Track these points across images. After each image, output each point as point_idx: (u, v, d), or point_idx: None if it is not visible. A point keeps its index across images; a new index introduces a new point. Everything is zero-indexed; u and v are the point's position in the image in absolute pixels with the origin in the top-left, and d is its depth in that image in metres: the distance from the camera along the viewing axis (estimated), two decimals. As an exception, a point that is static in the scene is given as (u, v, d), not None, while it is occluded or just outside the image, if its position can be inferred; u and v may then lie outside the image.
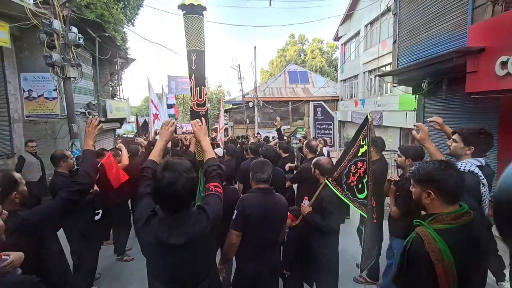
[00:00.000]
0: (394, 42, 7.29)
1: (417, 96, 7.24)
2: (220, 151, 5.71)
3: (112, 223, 4.45)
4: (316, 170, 2.66)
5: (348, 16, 17.86)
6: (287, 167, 4.06)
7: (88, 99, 8.92)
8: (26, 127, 7.52)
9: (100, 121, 2.03)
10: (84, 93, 8.87)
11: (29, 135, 7.41)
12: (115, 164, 3.89)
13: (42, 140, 7.49)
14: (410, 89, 8.42)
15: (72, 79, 6.27)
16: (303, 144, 6.66)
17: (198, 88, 4.34)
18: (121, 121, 10.44)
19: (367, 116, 2.41)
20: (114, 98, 12.56)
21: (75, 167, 3.62)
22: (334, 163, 2.61)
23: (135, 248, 4.66)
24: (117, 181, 3.91)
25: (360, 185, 2.42)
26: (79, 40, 6.10)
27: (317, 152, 4.37)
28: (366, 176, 2.41)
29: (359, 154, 2.41)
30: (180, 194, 1.30)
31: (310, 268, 2.63)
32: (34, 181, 5.57)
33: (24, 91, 7.48)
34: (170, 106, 13.78)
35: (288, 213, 2.52)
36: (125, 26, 15.07)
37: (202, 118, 1.93)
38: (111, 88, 16.27)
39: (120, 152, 4.28)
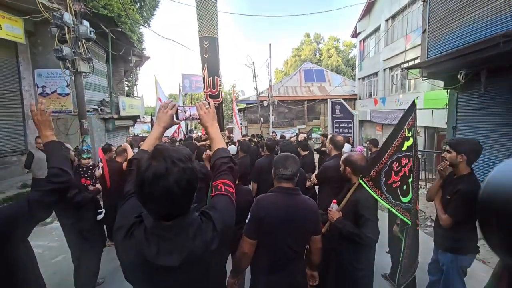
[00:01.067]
0: (423, 32, 6.68)
1: (449, 91, 6.60)
2: (233, 148, 5.35)
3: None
4: (347, 168, 2.21)
5: (367, 11, 17.12)
6: (308, 183, 3.60)
7: (102, 96, 8.81)
8: (40, 124, 7.46)
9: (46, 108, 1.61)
10: (98, 90, 8.77)
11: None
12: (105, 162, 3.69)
13: (58, 136, 7.41)
14: (439, 85, 7.76)
15: (83, 73, 6.10)
16: (323, 143, 6.17)
17: (211, 78, 3.96)
18: (134, 118, 10.31)
19: (414, 101, 1.95)
20: (129, 96, 12.51)
21: (77, 161, 3.37)
22: (369, 160, 2.16)
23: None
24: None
25: (405, 187, 1.96)
26: (90, 33, 5.92)
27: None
28: (411, 175, 1.95)
29: (404, 148, 1.95)
30: (173, 191, 0.90)
31: (340, 285, 2.19)
32: (43, 178, 5.39)
33: (38, 87, 7.43)
34: None
35: None
36: (141, 26, 15.13)
37: (211, 101, 1.53)
38: (127, 88, 16.34)
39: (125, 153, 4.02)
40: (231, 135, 10.69)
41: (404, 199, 1.96)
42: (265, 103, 16.60)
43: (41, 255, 4.11)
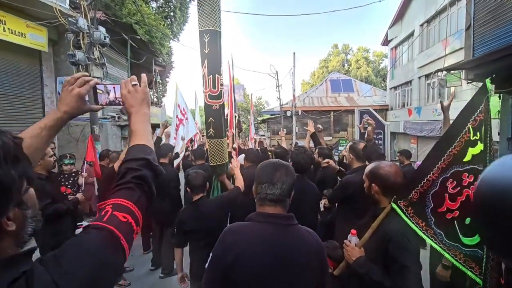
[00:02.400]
0: (467, 29, 5.74)
1: (501, 95, 5.53)
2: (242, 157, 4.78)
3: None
4: (373, 184, 1.51)
5: (399, 17, 16.06)
6: (322, 201, 2.89)
7: (122, 104, 8.77)
8: (60, 131, 7.49)
9: None
10: (118, 98, 8.76)
11: (62, 138, 7.36)
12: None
13: (73, 143, 7.39)
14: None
15: (96, 79, 5.96)
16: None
17: (211, 76, 3.43)
18: (154, 127, 10.18)
19: (485, 84, 1.24)
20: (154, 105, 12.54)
21: (56, 167, 3.00)
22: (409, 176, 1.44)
23: (137, 269, 3.87)
24: None
25: (468, 220, 1.23)
26: (104, 39, 5.80)
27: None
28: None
29: (466, 158, 1.23)
30: None
31: None
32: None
33: (59, 94, 7.50)
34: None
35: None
36: (170, 40, 15.53)
37: (143, 75, 0.96)
38: (155, 99, 16.62)
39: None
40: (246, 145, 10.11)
41: (466, 240, 1.22)
42: (288, 113, 15.96)
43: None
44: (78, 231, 2.82)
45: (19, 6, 5.73)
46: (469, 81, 5.76)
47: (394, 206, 1.35)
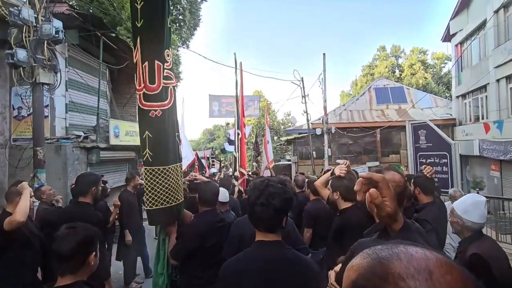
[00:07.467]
0: None
1: None
2: (224, 193, 3.86)
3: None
4: None
5: (464, 5, 14.80)
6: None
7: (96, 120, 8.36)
8: (12, 154, 7.12)
9: None
10: (91, 113, 8.37)
11: (14, 163, 6.97)
12: None
13: (26, 170, 6.93)
14: None
15: (45, 86, 5.49)
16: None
17: (146, 63, 2.70)
18: (138, 149, 9.64)
19: None
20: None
21: None
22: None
23: None
24: None
25: None
26: (57, 34, 5.37)
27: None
28: None
29: None
30: None
31: None
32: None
33: (14, 108, 7.22)
34: (231, 141, 12.79)
35: None
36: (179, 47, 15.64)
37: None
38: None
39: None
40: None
41: None
42: (318, 131, 14.83)
43: None
44: None
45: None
46: None
47: None
